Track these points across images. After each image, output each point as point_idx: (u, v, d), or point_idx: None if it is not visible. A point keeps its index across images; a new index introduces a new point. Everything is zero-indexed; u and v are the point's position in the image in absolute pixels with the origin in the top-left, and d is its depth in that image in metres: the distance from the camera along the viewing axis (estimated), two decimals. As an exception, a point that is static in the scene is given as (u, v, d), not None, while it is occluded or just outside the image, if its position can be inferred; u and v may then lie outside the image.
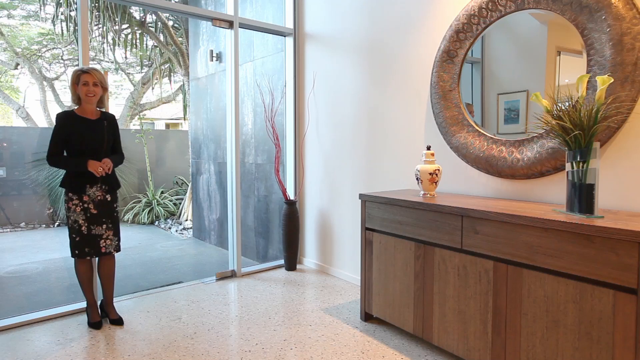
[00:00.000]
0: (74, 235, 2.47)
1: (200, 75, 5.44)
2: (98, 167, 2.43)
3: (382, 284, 2.50)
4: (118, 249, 2.62)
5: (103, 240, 2.54)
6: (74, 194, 2.46)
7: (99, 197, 2.51)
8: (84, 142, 2.45)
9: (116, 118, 2.68)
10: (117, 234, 2.60)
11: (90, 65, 2.55)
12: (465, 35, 2.46)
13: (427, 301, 2.22)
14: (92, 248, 2.51)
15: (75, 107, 2.53)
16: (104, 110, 2.62)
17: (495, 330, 1.91)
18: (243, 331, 2.51)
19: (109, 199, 2.56)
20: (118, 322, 2.61)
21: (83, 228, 2.47)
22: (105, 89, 2.54)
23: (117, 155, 2.62)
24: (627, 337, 1.49)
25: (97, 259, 2.64)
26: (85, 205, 2.47)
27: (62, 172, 2.85)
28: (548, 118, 1.84)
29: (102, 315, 2.66)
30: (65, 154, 2.50)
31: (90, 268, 2.59)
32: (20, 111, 8.24)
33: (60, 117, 2.47)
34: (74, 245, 2.49)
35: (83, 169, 2.43)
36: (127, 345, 2.34)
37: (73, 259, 2.55)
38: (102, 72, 2.52)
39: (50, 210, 6.62)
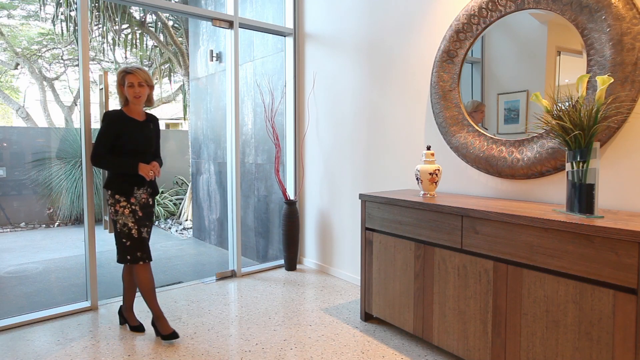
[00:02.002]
0: (124, 240, 2.34)
1: (200, 75, 5.44)
2: (149, 171, 2.34)
3: (382, 284, 2.50)
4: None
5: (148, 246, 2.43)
6: (121, 195, 2.34)
7: (143, 200, 2.42)
8: (133, 143, 2.35)
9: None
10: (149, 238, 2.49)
11: (135, 64, 2.43)
12: (465, 35, 2.46)
13: (427, 301, 2.22)
14: (144, 252, 2.38)
15: (123, 106, 2.43)
16: (147, 111, 2.54)
17: (495, 330, 1.91)
18: (243, 331, 2.51)
19: (150, 202, 2.48)
20: (139, 328, 2.51)
21: (134, 231, 2.35)
22: (151, 87, 2.43)
23: (159, 159, 2.55)
24: (627, 337, 1.49)
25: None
26: (133, 207, 2.37)
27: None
28: (548, 118, 1.84)
29: (122, 322, 2.58)
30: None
31: (151, 273, 2.41)
32: (20, 111, 8.24)
33: (110, 116, 2.36)
34: (125, 251, 2.35)
35: (134, 172, 2.33)
36: (127, 345, 2.34)
37: (122, 265, 2.41)
38: (146, 69, 2.40)
39: (50, 210, 6.62)
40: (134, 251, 2.35)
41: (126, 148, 2.35)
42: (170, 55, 7.12)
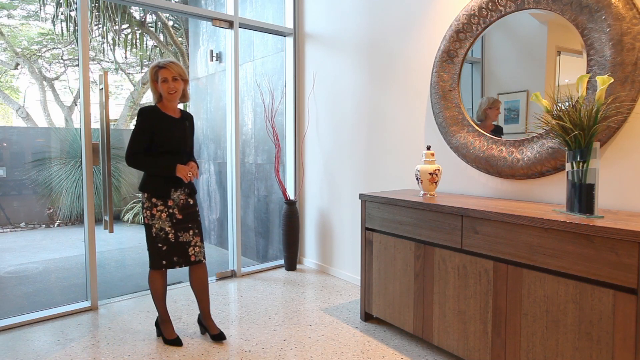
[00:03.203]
0: (159, 245, 2.25)
1: (200, 75, 5.44)
2: (187, 173, 2.23)
3: (382, 284, 2.49)
4: (205, 257, 2.40)
5: (192, 248, 2.32)
6: (158, 199, 2.24)
7: (182, 201, 2.30)
8: (169, 142, 2.23)
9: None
10: (202, 240, 2.39)
11: (168, 58, 2.29)
12: (465, 35, 2.46)
13: (427, 301, 2.22)
14: (182, 257, 2.29)
15: (157, 103, 2.31)
16: (182, 108, 2.44)
17: (495, 330, 1.90)
18: (243, 331, 2.51)
19: (191, 202, 2.35)
20: (220, 337, 2.37)
21: (170, 236, 2.25)
22: (186, 80, 2.30)
23: (194, 159, 2.44)
24: (627, 337, 1.49)
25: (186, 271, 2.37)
26: (171, 211, 2.26)
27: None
28: (548, 118, 1.84)
29: (202, 331, 2.47)
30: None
31: (165, 281, 2.36)
32: (20, 111, 8.24)
33: (145, 112, 2.22)
34: (160, 255, 2.26)
35: (171, 174, 2.22)
36: (127, 345, 2.34)
37: (150, 270, 2.33)
38: (180, 63, 2.28)
39: (50, 210, 6.62)
40: (170, 256, 2.26)
41: (160, 147, 2.23)
42: (170, 55, 7.12)
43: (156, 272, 2.31)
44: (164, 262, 2.26)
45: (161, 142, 2.22)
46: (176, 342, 2.34)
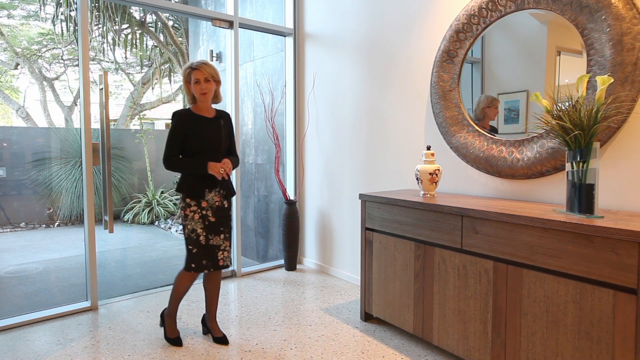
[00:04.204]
0: (190, 247, 2.23)
1: (200, 75, 5.44)
2: (219, 169, 2.19)
3: (382, 284, 2.49)
4: (231, 262, 2.34)
5: (221, 252, 2.28)
6: (192, 199, 2.22)
7: (217, 203, 2.27)
8: (203, 142, 2.23)
9: (231, 116, 2.43)
10: (231, 244, 2.34)
11: (200, 60, 2.28)
12: (465, 35, 2.46)
13: (427, 301, 2.22)
14: (210, 261, 2.25)
15: (191, 106, 2.31)
16: (217, 107, 2.42)
17: (495, 330, 1.90)
18: (243, 331, 2.51)
19: (226, 206, 2.32)
20: (222, 340, 2.36)
21: (201, 238, 2.23)
22: (218, 81, 2.29)
23: (234, 157, 2.38)
24: (627, 337, 1.49)
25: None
26: (204, 213, 2.23)
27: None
28: (548, 118, 1.84)
29: (204, 331, 2.47)
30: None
31: (191, 283, 2.32)
32: (20, 111, 8.23)
33: (178, 115, 2.23)
34: (191, 258, 2.23)
35: (203, 172, 2.20)
36: (127, 345, 2.34)
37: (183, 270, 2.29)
38: (211, 65, 2.27)
39: (50, 210, 6.62)
40: (199, 259, 2.23)
41: (194, 148, 2.22)
42: (170, 55, 7.12)
43: (186, 273, 2.27)
44: (193, 265, 2.23)
45: (194, 143, 2.22)
46: (176, 341, 2.35)
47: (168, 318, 2.39)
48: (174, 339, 2.35)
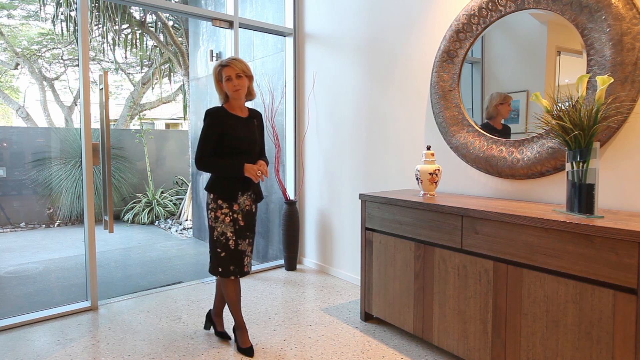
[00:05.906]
0: (219, 250, 2.16)
1: (200, 75, 5.44)
2: (257, 171, 2.11)
3: (382, 284, 2.50)
4: (251, 267, 2.30)
5: (246, 258, 2.22)
6: (224, 201, 2.14)
7: (247, 207, 2.22)
8: (237, 142, 2.14)
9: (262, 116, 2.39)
10: (253, 250, 2.29)
11: (230, 56, 2.20)
12: (465, 35, 2.46)
13: (427, 301, 2.22)
14: (237, 266, 2.18)
15: (224, 103, 2.23)
16: (250, 106, 2.36)
17: (495, 330, 1.90)
18: (243, 331, 2.51)
19: (253, 210, 2.27)
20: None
21: (231, 242, 2.15)
22: (250, 77, 2.20)
23: (265, 159, 2.32)
24: (627, 337, 1.49)
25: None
26: (234, 216, 2.16)
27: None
28: (548, 118, 1.84)
29: (207, 326, 2.49)
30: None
31: (237, 284, 2.25)
32: (20, 111, 8.23)
33: (211, 113, 2.15)
34: (218, 262, 2.16)
35: (239, 174, 2.12)
36: (127, 345, 2.34)
37: (216, 276, 2.23)
38: (242, 61, 2.18)
39: (50, 210, 6.62)
40: (227, 264, 2.16)
41: (229, 148, 2.14)
42: (170, 55, 7.12)
43: (224, 280, 2.21)
44: (220, 269, 2.17)
45: (229, 143, 2.14)
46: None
47: (238, 330, 2.30)
48: (246, 349, 2.24)
